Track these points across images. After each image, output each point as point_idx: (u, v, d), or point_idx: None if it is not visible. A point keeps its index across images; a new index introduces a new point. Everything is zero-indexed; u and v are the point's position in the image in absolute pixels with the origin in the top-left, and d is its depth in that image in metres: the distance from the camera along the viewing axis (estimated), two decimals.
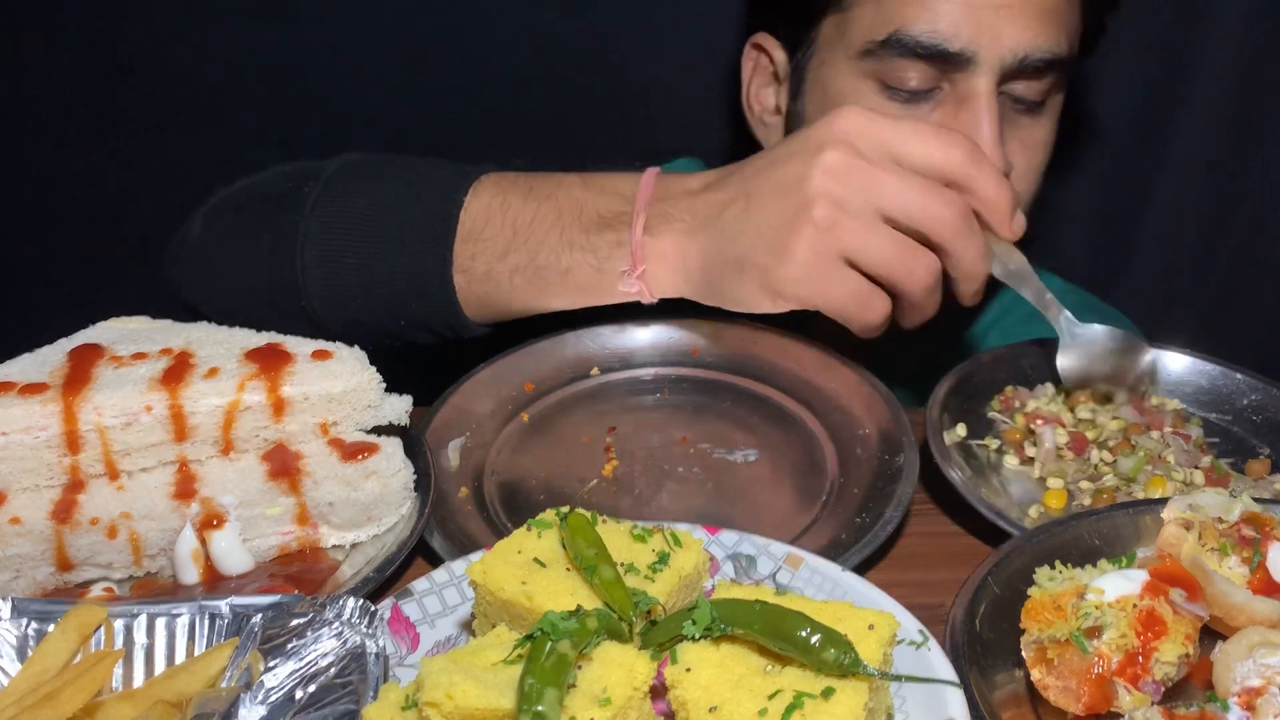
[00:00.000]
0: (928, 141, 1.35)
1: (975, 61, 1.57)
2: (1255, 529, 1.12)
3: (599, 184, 1.50)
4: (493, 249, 1.48)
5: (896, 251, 1.35)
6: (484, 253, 1.48)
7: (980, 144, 1.54)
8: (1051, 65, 1.61)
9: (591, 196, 1.48)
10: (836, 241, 1.34)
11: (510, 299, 1.49)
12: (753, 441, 1.47)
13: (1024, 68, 1.59)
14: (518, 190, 1.51)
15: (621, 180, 1.49)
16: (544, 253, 1.46)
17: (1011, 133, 1.65)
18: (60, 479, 1.19)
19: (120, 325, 1.33)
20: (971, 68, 1.57)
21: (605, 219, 1.46)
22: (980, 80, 1.58)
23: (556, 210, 1.48)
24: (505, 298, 1.49)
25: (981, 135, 1.56)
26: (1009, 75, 1.59)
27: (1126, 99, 2.14)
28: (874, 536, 1.25)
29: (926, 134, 1.35)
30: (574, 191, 1.49)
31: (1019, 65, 1.58)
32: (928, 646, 1.01)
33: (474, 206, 1.49)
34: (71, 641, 0.98)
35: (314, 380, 1.23)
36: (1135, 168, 2.18)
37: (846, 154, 1.34)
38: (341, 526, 1.27)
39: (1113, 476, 1.36)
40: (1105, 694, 1.00)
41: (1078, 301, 1.98)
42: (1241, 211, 2.12)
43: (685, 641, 0.94)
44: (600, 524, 1.06)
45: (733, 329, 1.63)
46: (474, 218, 1.49)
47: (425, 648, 1.08)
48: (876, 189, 1.33)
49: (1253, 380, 1.52)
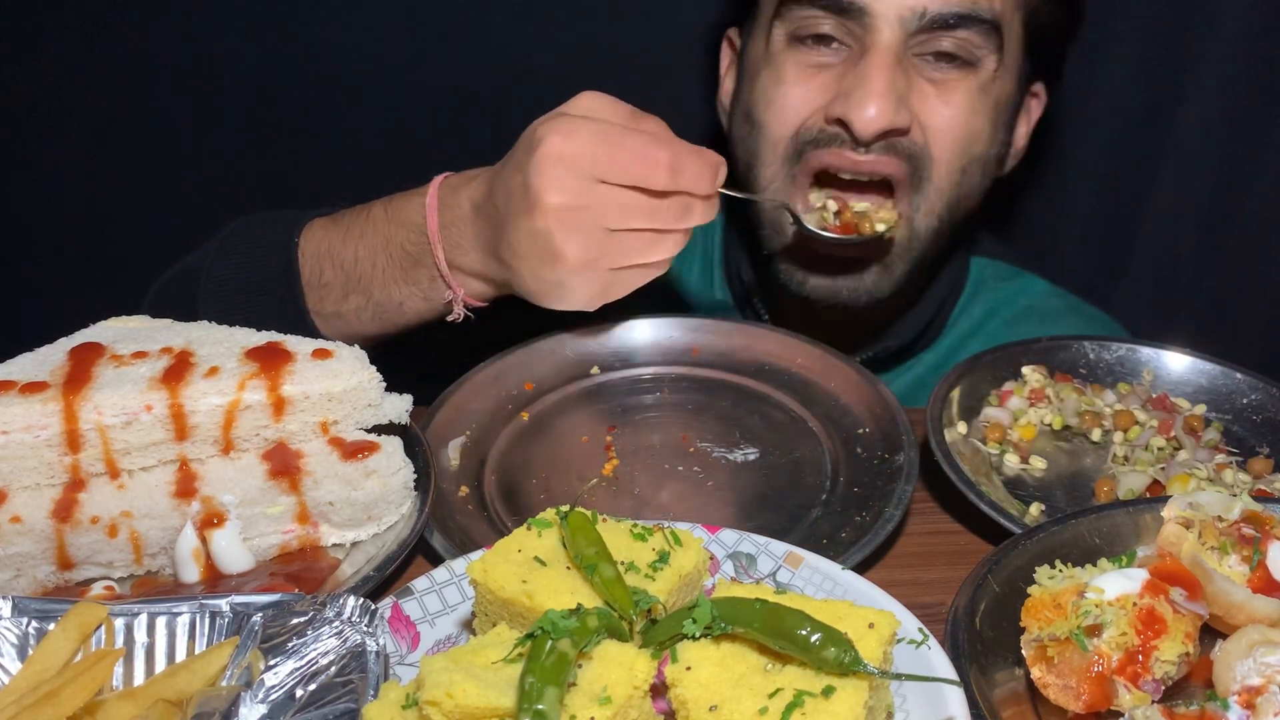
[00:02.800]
0: (630, 169, 1.36)
1: (870, 13, 1.59)
2: (1255, 528, 1.12)
3: (397, 214, 1.55)
4: (334, 293, 1.56)
5: (647, 239, 1.40)
6: (328, 297, 1.57)
7: (868, 92, 1.58)
8: (965, 20, 1.60)
9: (394, 230, 1.54)
10: (602, 269, 1.39)
11: (366, 331, 1.58)
12: (753, 441, 1.47)
13: (933, 23, 1.59)
14: (338, 232, 1.59)
15: (412, 207, 1.52)
16: (376, 290, 1.54)
17: (929, 88, 1.65)
18: (61, 478, 1.19)
19: (120, 324, 1.33)
20: (869, 19, 1.59)
21: (411, 255, 1.52)
22: (881, 33, 1.59)
23: (370, 249, 1.55)
24: (362, 331, 1.58)
25: (871, 84, 1.58)
26: (918, 29, 1.60)
27: (1126, 99, 2.14)
28: (874, 535, 1.25)
29: (632, 160, 1.36)
30: (380, 227, 1.55)
31: (922, 22, 1.59)
32: (928, 645, 1.01)
33: (307, 254, 1.58)
34: (72, 640, 0.98)
35: (314, 379, 1.23)
36: (1135, 168, 2.18)
37: (561, 200, 1.35)
38: (342, 525, 1.27)
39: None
40: (1105, 692, 1.00)
41: (1063, 304, 1.98)
42: (1241, 211, 2.12)
43: (685, 640, 0.94)
44: (600, 523, 1.06)
45: (733, 329, 1.63)
46: (309, 267, 1.58)
47: (425, 646, 1.08)
48: (603, 218, 1.37)
49: (1253, 380, 1.53)
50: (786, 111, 1.68)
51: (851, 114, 1.60)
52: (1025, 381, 1.53)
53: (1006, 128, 1.78)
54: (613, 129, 1.37)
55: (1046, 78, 1.87)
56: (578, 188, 1.35)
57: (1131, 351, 1.59)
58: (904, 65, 1.62)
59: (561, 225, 1.35)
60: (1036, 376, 1.53)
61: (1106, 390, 1.53)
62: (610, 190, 1.36)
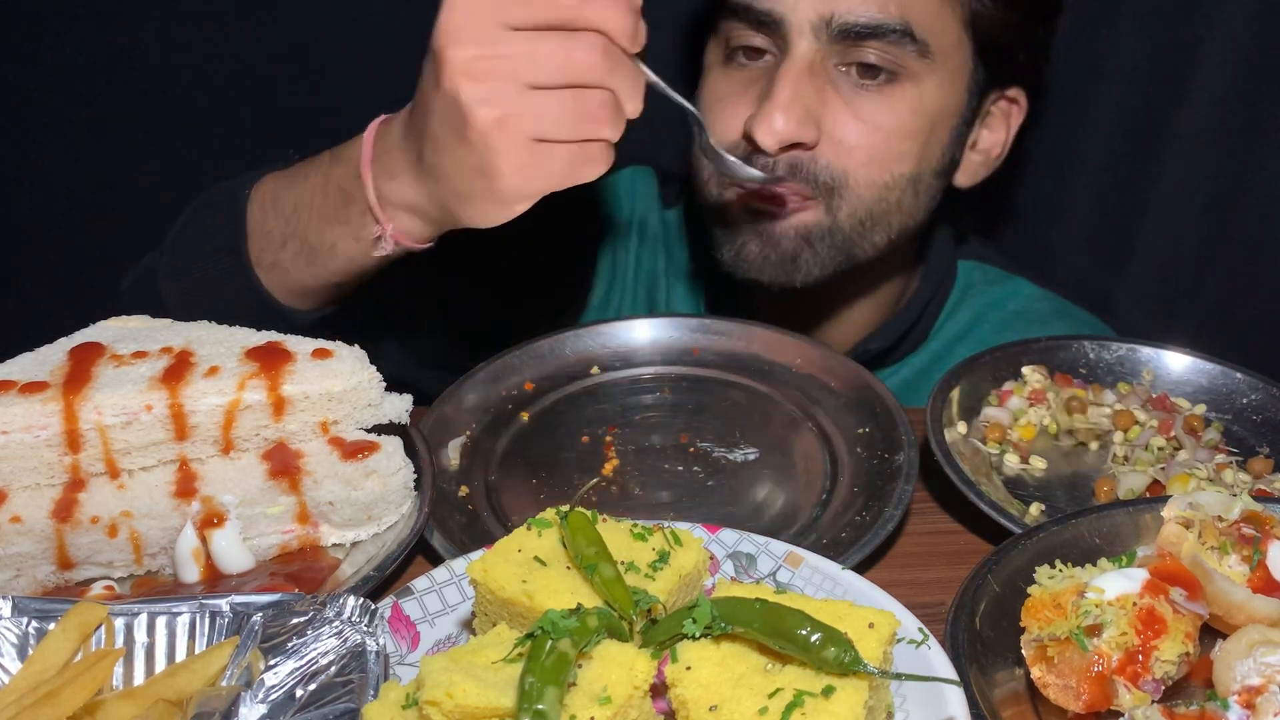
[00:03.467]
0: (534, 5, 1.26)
1: (785, 24, 1.58)
2: (1255, 527, 1.12)
3: (340, 153, 1.51)
4: (274, 241, 1.53)
5: (570, 107, 1.29)
6: (269, 246, 1.53)
7: (770, 103, 1.56)
8: (881, 31, 1.57)
9: (334, 169, 1.50)
10: (518, 133, 1.28)
11: (304, 281, 1.54)
12: (753, 441, 1.47)
13: (843, 33, 1.57)
14: (285, 179, 1.56)
15: (354, 145, 1.48)
16: (311, 234, 1.50)
17: (844, 105, 1.61)
18: (61, 478, 1.19)
19: (120, 324, 1.33)
20: (785, 30, 1.58)
21: (345, 192, 1.47)
22: (796, 45, 1.58)
23: (310, 192, 1.51)
24: (300, 281, 1.54)
25: (774, 95, 1.57)
26: (833, 40, 1.58)
27: (1126, 99, 2.14)
28: (874, 535, 1.26)
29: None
30: (323, 167, 1.52)
31: (832, 30, 1.57)
32: (928, 645, 1.01)
33: (255, 204, 1.56)
34: (72, 640, 0.98)
35: (314, 379, 1.23)
36: (1135, 168, 2.18)
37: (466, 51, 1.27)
38: (342, 525, 1.27)
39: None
40: (1105, 692, 1.00)
41: (1051, 308, 1.97)
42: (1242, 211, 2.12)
43: (685, 640, 0.94)
44: (600, 523, 1.06)
45: (733, 329, 1.63)
46: (254, 217, 1.55)
47: (425, 646, 1.08)
48: (514, 69, 1.26)
49: (1253, 380, 1.53)
50: (715, 128, 1.65)
51: (755, 126, 1.58)
52: (1025, 382, 1.53)
53: (953, 142, 1.73)
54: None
55: (1024, 82, 1.82)
56: (481, 35, 1.26)
57: (1131, 351, 1.59)
58: (818, 78, 1.59)
59: (468, 77, 1.25)
60: (1037, 377, 1.52)
61: (1106, 390, 1.53)
62: (519, 36, 1.26)
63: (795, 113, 1.57)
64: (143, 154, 2.28)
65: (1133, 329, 2.01)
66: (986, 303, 1.97)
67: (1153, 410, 1.49)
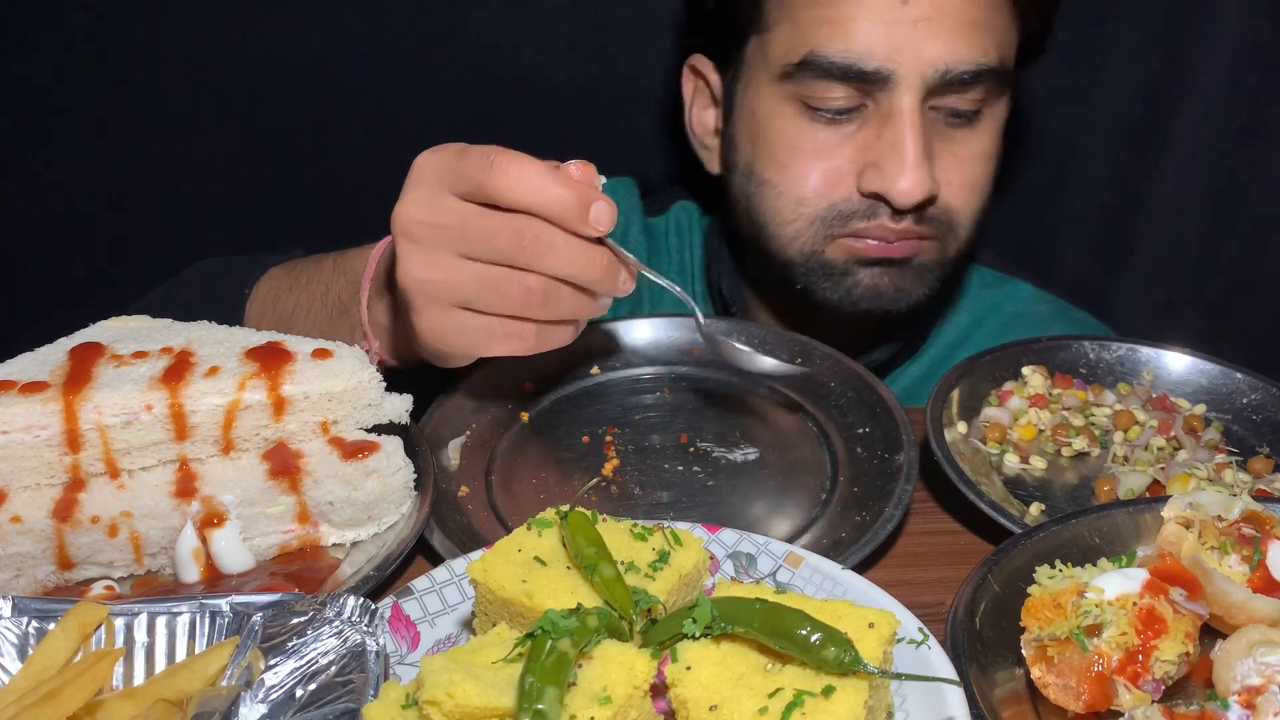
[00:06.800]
0: (490, 243, 1.24)
1: (894, 79, 1.55)
2: (1255, 527, 1.12)
3: (344, 264, 1.54)
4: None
5: (491, 282, 1.26)
6: None
7: (903, 164, 1.55)
8: (980, 76, 1.58)
9: (335, 280, 1.53)
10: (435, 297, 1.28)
11: None
12: (753, 441, 1.47)
13: (949, 81, 1.57)
14: (287, 280, 1.59)
15: (359, 258, 1.50)
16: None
17: (945, 147, 1.63)
18: (61, 477, 1.19)
19: (120, 324, 1.33)
20: (891, 85, 1.56)
21: (343, 305, 1.51)
22: (903, 97, 1.56)
23: (309, 298, 1.55)
24: None
25: (904, 155, 1.55)
26: (935, 90, 1.57)
27: (1126, 100, 2.14)
28: (874, 535, 1.26)
29: (489, 232, 1.25)
30: (325, 276, 1.55)
31: (943, 80, 1.56)
32: (928, 645, 1.01)
33: (255, 302, 1.59)
34: (72, 640, 0.98)
35: (314, 379, 1.23)
36: (1135, 168, 2.18)
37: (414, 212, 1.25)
38: (342, 525, 1.27)
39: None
40: (1105, 692, 1.00)
41: (1050, 310, 1.97)
42: (1241, 211, 2.12)
43: (685, 640, 0.94)
44: (600, 522, 1.06)
45: (733, 328, 1.63)
46: (253, 316, 1.58)
47: (425, 646, 1.08)
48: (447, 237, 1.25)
49: (1253, 380, 1.53)
50: (806, 183, 1.63)
51: (889, 188, 1.57)
52: (1025, 382, 1.53)
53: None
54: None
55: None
56: (428, 200, 1.25)
57: (1131, 351, 1.59)
58: (927, 128, 1.59)
59: (406, 236, 1.26)
60: (1037, 378, 1.52)
61: (1106, 390, 1.54)
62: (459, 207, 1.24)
63: (926, 169, 1.57)
64: (143, 154, 2.28)
65: (1132, 329, 2.01)
66: (986, 306, 1.97)
67: (1153, 410, 1.49)
